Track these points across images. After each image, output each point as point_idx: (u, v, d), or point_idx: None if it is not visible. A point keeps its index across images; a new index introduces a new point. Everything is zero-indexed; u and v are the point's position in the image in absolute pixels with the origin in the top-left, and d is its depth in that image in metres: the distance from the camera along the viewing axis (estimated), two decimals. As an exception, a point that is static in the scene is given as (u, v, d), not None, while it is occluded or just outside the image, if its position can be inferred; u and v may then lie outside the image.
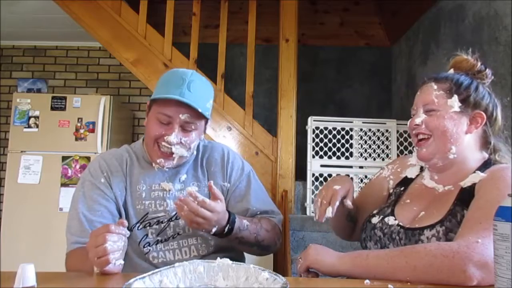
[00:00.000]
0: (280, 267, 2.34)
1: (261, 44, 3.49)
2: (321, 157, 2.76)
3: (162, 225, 1.19)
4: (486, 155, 1.06)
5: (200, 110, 1.14)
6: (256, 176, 1.35)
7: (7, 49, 3.91)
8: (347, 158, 2.80)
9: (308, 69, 3.72)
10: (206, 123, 1.23)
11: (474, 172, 1.00)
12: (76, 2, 2.78)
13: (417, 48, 3.18)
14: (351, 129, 2.80)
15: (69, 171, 3.01)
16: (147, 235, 1.19)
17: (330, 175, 2.71)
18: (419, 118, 1.05)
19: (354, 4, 3.84)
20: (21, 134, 3.05)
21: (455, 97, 1.03)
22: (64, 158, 3.02)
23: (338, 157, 2.78)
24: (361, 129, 2.81)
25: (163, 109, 1.15)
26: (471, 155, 1.04)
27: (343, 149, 2.78)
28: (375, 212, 1.13)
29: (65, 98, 3.10)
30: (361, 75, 3.84)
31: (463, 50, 1.14)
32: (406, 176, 1.18)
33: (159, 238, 1.20)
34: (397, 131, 2.84)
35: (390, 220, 1.05)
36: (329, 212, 1.02)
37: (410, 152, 2.75)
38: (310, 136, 2.77)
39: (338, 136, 2.78)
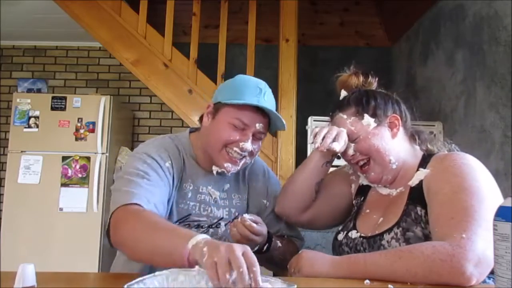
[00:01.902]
0: (280, 267, 2.34)
1: (261, 44, 3.48)
2: (321, 157, 2.74)
3: (201, 230, 1.18)
4: (418, 148, 1.12)
5: (278, 120, 1.15)
6: None
7: (7, 49, 3.90)
8: (347, 158, 2.79)
9: (308, 69, 3.71)
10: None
11: (418, 169, 1.04)
12: (76, 2, 2.77)
13: (417, 48, 3.17)
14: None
15: (69, 171, 3.01)
16: None
17: (330, 175, 2.70)
18: (350, 149, 1.10)
19: (354, 4, 3.84)
20: (21, 134, 3.05)
21: (366, 116, 1.08)
22: (64, 158, 3.02)
23: (338, 157, 2.75)
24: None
25: (240, 115, 1.12)
26: (408, 154, 1.10)
27: (343, 149, 2.77)
28: (340, 228, 1.17)
29: (65, 98, 3.10)
30: (361, 75, 3.83)
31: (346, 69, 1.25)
32: (362, 184, 1.20)
33: None
34: (397, 131, 2.83)
35: (353, 234, 1.08)
36: (337, 146, 1.05)
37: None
38: (310, 136, 2.76)
39: (338, 136, 2.76)
